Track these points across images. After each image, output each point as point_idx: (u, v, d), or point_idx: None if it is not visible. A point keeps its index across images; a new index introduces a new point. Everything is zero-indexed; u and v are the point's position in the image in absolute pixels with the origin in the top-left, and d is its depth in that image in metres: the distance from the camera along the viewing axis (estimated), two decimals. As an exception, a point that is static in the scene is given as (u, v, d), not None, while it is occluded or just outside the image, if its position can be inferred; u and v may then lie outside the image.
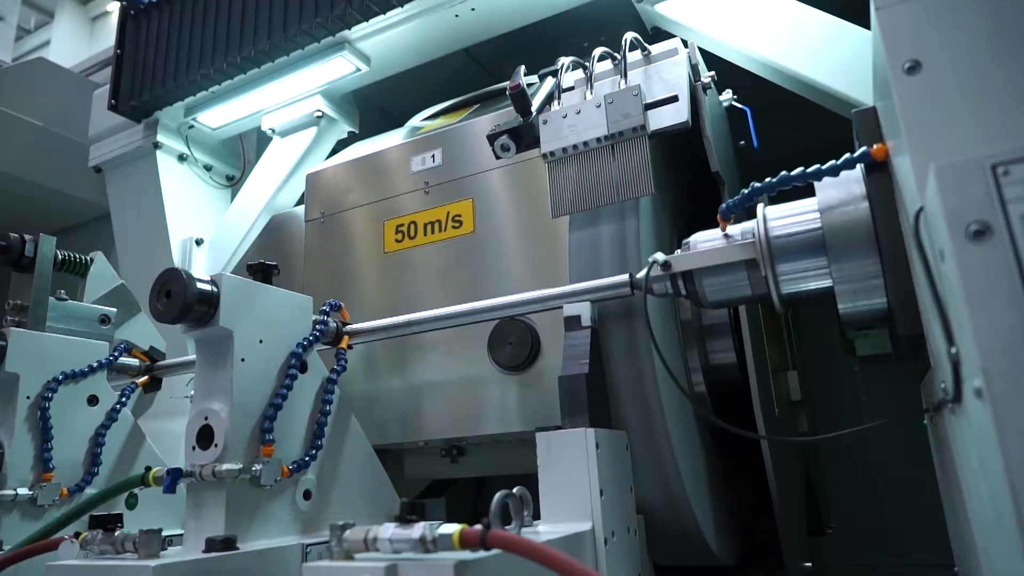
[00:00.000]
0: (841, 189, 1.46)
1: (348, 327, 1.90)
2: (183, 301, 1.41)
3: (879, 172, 1.40)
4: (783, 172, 1.46)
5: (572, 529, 1.35)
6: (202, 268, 3.33)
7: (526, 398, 2.16)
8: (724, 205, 1.53)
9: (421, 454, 2.52)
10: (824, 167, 1.43)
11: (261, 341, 1.54)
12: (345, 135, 3.35)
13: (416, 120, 3.00)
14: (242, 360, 1.48)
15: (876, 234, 1.39)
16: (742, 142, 2.55)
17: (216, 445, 1.40)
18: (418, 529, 0.94)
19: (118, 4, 3.54)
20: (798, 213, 1.52)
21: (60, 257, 2.28)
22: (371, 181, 2.65)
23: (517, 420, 2.17)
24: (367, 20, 2.79)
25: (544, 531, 1.35)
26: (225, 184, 3.76)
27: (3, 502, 1.79)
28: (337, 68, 3.01)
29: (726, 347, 2.09)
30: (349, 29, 2.84)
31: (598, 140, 1.79)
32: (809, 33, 2.23)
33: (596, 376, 1.64)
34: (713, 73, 2.11)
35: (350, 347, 1.86)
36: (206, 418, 1.44)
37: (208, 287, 1.46)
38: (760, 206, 1.56)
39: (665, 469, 1.76)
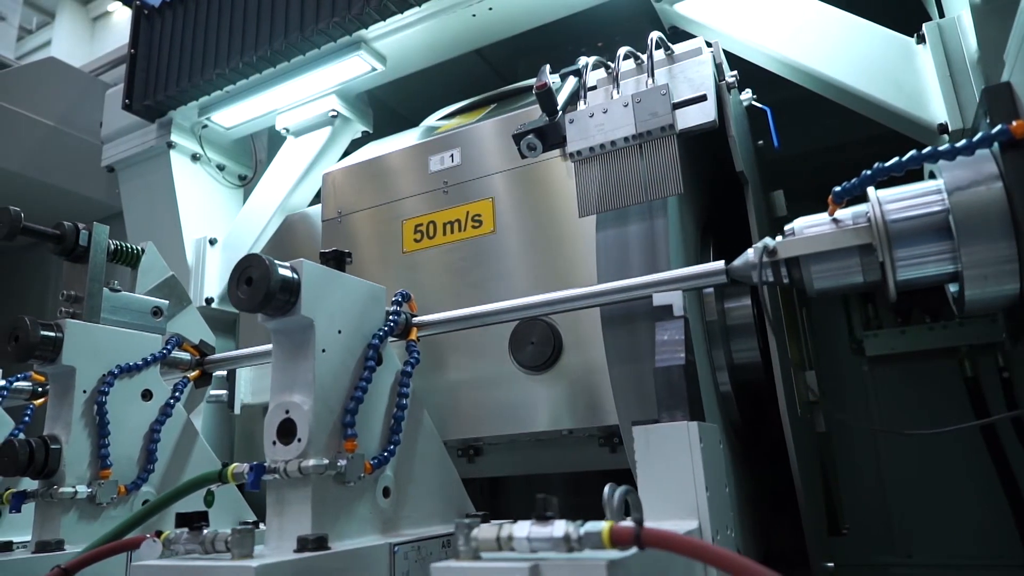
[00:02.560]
0: (970, 169, 1.38)
1: (416, 319, 1.84)
2: (266, 289, 1.34)
3: (1016, 150, 1.33)
4: (912, 151, 1.39)
5: (680, 528, 1.28)
6: (215, 268, 3.33)
7: (547, 398, 2.16)
8: (838, 188, 1.45)
9: (439, 454, 2.52)
10: (958, 145, 1.35)
11: (340, 331, 1.49)
12: (359, 135, 3.35)
13: (431, 120, 3.00)
14: (323, 351, 1.43)
15: (1013, 215, 1.31)
16: (760, 141, 2.55)
17: (299, 440, 1.34)
18: (560, 527, 0.89)
19: (119, 4, 3.54)
20: (916, 195, 1.45)
21: (112, 247, 2.21)
22: (389, 181, 2.64)
23: (537, 420, 2.17)
24: (384, 19, 2.80)
25: None
26: (237, 184, 3.76)
27: (63, 500, 1.73)
28: (353, 67, 3.01)
29: (751, 346, 2.09)
30: (366, 28, 2.85)
31: (626, 139, 1.79)
32: (828, 31, 2.24)
33: (692, 367, 1.57)
34: (736, 72, 2.11)
35: (418, 339, 1.80)
36: (287, 412, 1.38)
37: (289, 274, 1.40)
38: (871, 189, 1.49)
39: (692, 468, 1.76)
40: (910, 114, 2.04)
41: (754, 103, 2.43)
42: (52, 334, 1.84)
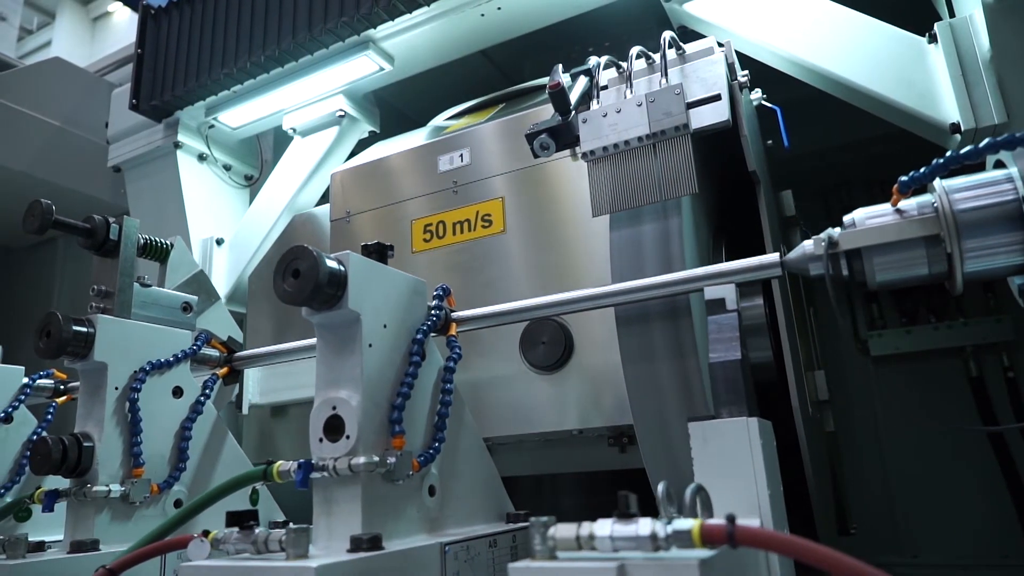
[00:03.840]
0: None
1: (456, 314, 1.80)
2: (314, 282, 1.30)
3: None
4: (987, 139, 1.36)
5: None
6: (223, 268, 3.33)
7: (557, 397, 2.16)
8: (905, 178, 1.43)
9: (448, 454, 2.51)
10: None
11: (385, 326, 1.46)
12: (366, 135, 3.35)
13: (439, 120, 3.00)
14: (369, 345, 1.39)
15: None
16: (770, 141, 2.56)
17: (348, 437, 1.31)
18: (646, 525, 0.85)
19: (119, 4, 3.54)
20: (985, 184, 1.43)
21: (141, 241, 2.17)
22: (398, 180, 2.64)
23: (547, 420, 2.17)
24: (393, 19, 2.80)
25: None
26: (244, 184, 3.76)
27: (96, 499, 1.69)
28: (361, 67, 3.01)
29: (763, 346, 2.09)
30: (375, 28, 2.84)
31: (639, 139, 1.79)
32: (840, 31, 2.24)
33: (747, 361, 1.54)
34: (747, 72, 2.11)
35: (457, 335, 1.76)
36: (334, 408, 1.34)
37: (336, 266, 1.36)
38: (936, 179, 1.46)
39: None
40: (922, 113, 2.04)
41: (764, 103, 2.43)
42: (84, 329, 1.80)
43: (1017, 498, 3.42)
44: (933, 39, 2.08)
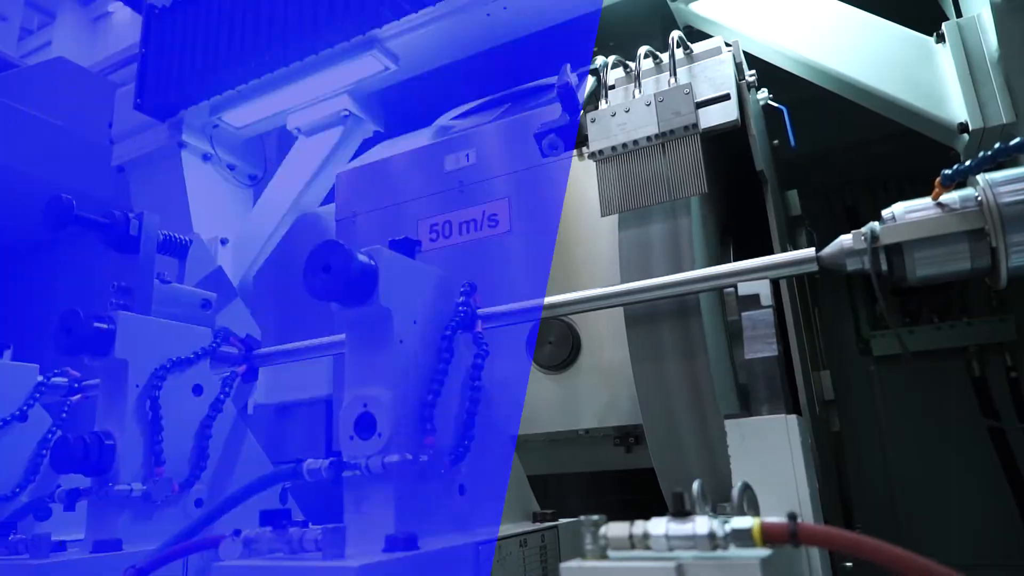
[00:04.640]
0: None
1: (481, 311, 1.77)
2: (346, 276, 1.29)
3: None
4: None
5: None
6: (228, 268, 3.32)
7: (563, 398, 2.16)
8: (947, 172, 1.43)
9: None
10: None
11: (415, 322, 1.44)
12: (371, 134, 3.34)
13: (445, 120, 2.99)
14: (400, 342, 1.37)
15: None
16: (775, 141, 2.56)
17: (379, 435, 1.29)
18: (703, 523, 0.85)
19: (119, 4, 3.53)
20: None
21: (161, 238, 2.16)
22: (404, 180, 2.64)
23: (553, 420, 2.17)
24: (398, 18, 2.79)
25: None
26: (248, 184, 3.75)
27: (118, 498, 1.68)
28: (366, 66, 3.01)
29: (771, 345, 2.08)
30: (380, 27, 2.84)
31: (648, 139, 1.79)
32: (847, 31, 2.25)
33: (782, 358, 1.53)
34: (754, 72, 2.12)
35: (482, 331, 1.72)
36: (365, 405, 1.32)
37: (367, 261, 1.35)
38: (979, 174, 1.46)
39: (716, 464, 1.75)
40: (930, 113, 2.04)
41: (770, 102, 2.44)
42: (105, 326, 1.78)
43: (1019, 498, 3.43)
44: (941, 39, 2.09)
